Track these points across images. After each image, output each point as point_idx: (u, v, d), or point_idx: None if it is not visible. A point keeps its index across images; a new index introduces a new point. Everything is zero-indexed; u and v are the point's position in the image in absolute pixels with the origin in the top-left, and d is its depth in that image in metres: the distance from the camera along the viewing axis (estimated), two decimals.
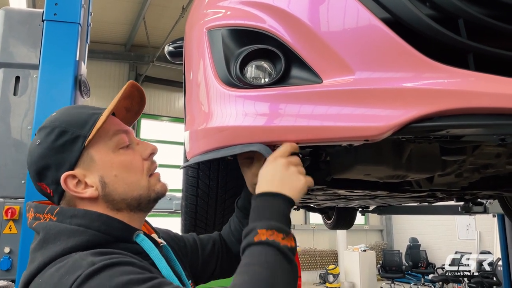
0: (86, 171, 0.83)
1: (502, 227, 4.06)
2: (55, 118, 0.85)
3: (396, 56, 0.88)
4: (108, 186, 0.83)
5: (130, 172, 0.86)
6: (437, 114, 0.86)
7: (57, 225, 0.77)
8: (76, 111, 0.87)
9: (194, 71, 1.24)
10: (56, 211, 0.80)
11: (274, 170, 0.87)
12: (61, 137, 0.82)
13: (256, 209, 0.83)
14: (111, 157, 0.85)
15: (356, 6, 0.92)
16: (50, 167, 0.82)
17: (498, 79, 0.85)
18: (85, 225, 0.77)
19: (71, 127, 0.82)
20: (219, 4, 1.18)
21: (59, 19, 2.19)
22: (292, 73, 1.00)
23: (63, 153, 0.81)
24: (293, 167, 0.89)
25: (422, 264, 10.77)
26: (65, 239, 0.75)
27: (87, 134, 0.82)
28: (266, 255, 0.74)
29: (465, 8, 0.86)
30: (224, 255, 1.15)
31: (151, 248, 0.84)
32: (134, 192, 0.85)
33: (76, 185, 0.82)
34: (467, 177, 1.66)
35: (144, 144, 0.93)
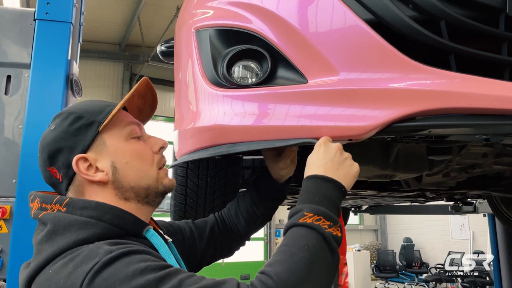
0: (98, 155, 0.83)
1: (492, 226, 4.10)
2: (70, 107, 0.87)
3: (379, 57, 0.90)
4: (118, 172, 0.83)
5: (141, 160, 0.86)
6: (419, 114, 0.88)
7: (67, 216, 0.75)
8: (92, 102, 0.89)
9: (182, 71, 1.25)
10: (66, 202, 0.78)
11: (328, 154, 0.87)
12: (77, 122, 0.83)
13: (306, 191, 0.82)
14: (124, 144, 0.85)
15: (340, 7, 0.94)
16: (63, 150, 0.81)
17: (478, 80, 0.86)
18: (97, 217, 0.76)
19: (86, 113, 0.84)
20: (208, 5, 1.19)
21: (51, 18, 2.19)
22: (278, 73, 1.01)
23: (77, 136, 0.82)
24: (346, 153, 0.89)
25: (416, 263, 10.81)
26: (76, 231, 0.73)
27: (102, 120, 0.83)
28: (308, 239, 0.73)
29: (447, 10, 0.88)
30: (222, 238, 1.15)
31: (161, 244, 0.83)
32: (143, 181, 0.85)
33: (88, 168, 0.82)
34: (454, 177, 1.68)
35: (155, 139, 0.93)
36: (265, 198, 1.17)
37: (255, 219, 1.18)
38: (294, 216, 0.78)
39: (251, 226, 1.19)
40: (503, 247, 3.94)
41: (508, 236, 3.91)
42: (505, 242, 3.93)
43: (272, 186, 1.17)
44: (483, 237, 9.59)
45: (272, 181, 1.16)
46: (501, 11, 0.89)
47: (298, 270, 0.69)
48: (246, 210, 1.17)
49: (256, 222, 1.19)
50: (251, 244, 11.00)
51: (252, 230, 1.21)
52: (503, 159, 1.54)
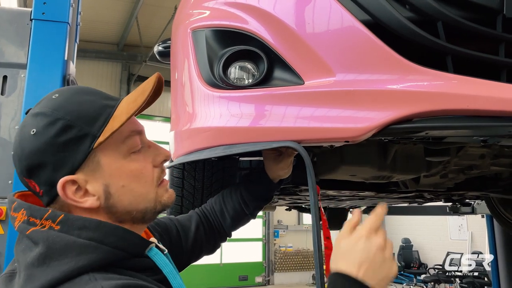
0: (89, 176, 0.69)
1: (490, 227, 4.10)
2: (58, 105, 0.69)
3: (375, 58, 0.89)
4: (113, 197, 0.71)
5: (139, 182, 0.74)
6: (416, 116, 0.87)
7: (63, 237, 0.65)
8: (84, 98, 0.71)
9: (179, 71, 1.24)
10: (60, 219, 0.66)
11: (368, 253, 0.73)
12: (65, 133, 0.67)
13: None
14: (121, 164, 0.72)
15: (337, 8, 0.93)
16: (46, 166, 0.67)
17: (476, 81, 0.86)
18: (98, 240, 0.66)
19: (78, 121, 0.68)
20: (204, 5, 1.18)
21: (48, 18, 2.18)
22: (274, 74, 1.01)
23: (65, 152, 0.67)
24: (388, 252, 0.76)
25: (414, 264, 10.81)
26: (75, 256, 0.63)
27: (97, 134, 0.68)
28: None
29: (444, 11, 0.87)
30: (207, 236, 1.12)
31: (165, 263, 0.75)
32: (140, 205, 0.74)
33: (75, 192, 0.69)
34: (452, 178, 1.67)
35: (157, 148, 0.81)
36: (257, 198, 1.15)
37: (242, 218, 1.16)
38: None
39: (237, 224, 1.17)
40: (501, 248, 3.94)
41: (506, 236, 3.91)
42: (503, 242, 3.93)
43: (266, 186, 1.16)
44: (481, 237, 9.60)
45: (267, 181, 1.15)
46: (498, 12, 0.88)
47: None
48: (234, 209, 1.14)
49: (242, 220, 1.17)
50: (250, 245, 11.00)
51: (236, 227, 1.18)
52: (500, 160, 1.54)
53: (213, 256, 11.02)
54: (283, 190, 1.84)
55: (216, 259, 10.05)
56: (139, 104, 0.72)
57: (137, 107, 0.72)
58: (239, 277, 10.45)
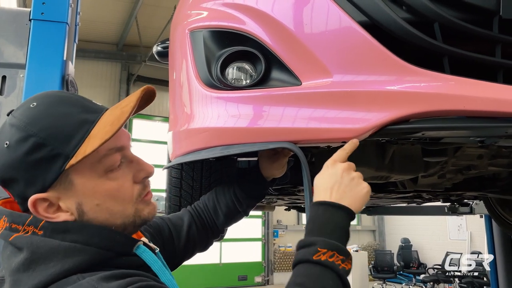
0: (61, 194, 0.68)
1: (489, 227, 4.10)
2: (33, 118, 0.67)
3: (372, 59, 0.89)
4: (86, 215, 0.70)
5: (115, 201, 0.72)
6: (413, 117, 0.87)
7: (47, 242, 0.64)
8: (62, 111, 0.69)
9: (177, 72, 1.25)
10: (42, 224, 0.66)
11: (334, 176, 0.82)
12: (37, 151, 0.65)
13: (316, 221, 0.78)
14: (96, 183, 0.70)
15: (334, 9, 0.93)
16: (18, 182, 0.67)
17: (472, 82, 0.86)
18: (83, 242, 0.65)
19: (51, 139, 0.66)
20: (202, 6, 1.18)
21: (47, 19, 2.18)
22: (272, 75, 1.01)
23: (36, 171, 0.66)
24: (354, 172, 0.84)
25: (413, 264, 10.82)
26: (60, 260, 0.62)
27: (70, 154, 0.66)
28: (324, 279, 0.70)
29: (440, 12, 0.87)
30: (199, 235, 1.13)
31: (154, 260, 0.75)
32: (117, 221, 0.73)
33: (48, 208, 0.68)
34: (450, 178, 1.68)
35: (139, 164, 0.77)
36: (250, 195, 1.16)
37: (235, 215, 1.17)
38: (306, 250, 0.74)
39: (229, 221, 1.18)
40: (500, 248, 3.95)
41: (504, 237, 3.92)
42: (502, 242, 3.94)
43: (260, 184, 1.16)
44: (480, 237, 9.61)
45: (261, 179, 1.16)
46: (495, 13, 0.89)
47: None
48: (227, 206, 1.15)
49: (235, 217, 1.18)
50: (249, 244, 11.00)
51: (230, 225, 1.19)
52: (498, 160, 1.54)
53: (213, 256, 11.02)
54: (282, 190, 1.84)
55: (216, 259, 10.05)
56: (115, 128, 0.68)
57: (113, 132, 0.68)
58: (239, 277, 10.45)
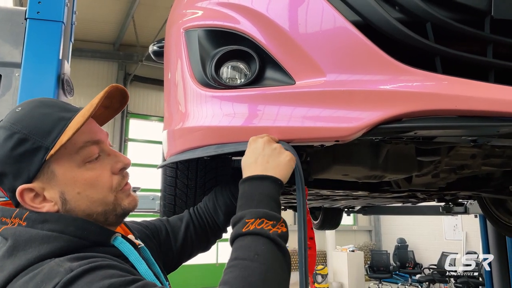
0: (45, 184, 0.76)
1: (484, 227, 4.13)
2: (17, 119, 0.76)
3: (365, 58, 0.90)
4: (69, 203, 0.77)
5: (95, 189, 0.79)
6: (405, 116, 0.88)
7: (28, 231, 0.72)
8: (43, 111, 0.78)
9: (172, 71, 1.25)
10: (25, 216, 0.74)
11: (256, 150, 0.86)
12: (21, 146, 0.74)
13: (243, 196, 0.81)
14: (75, 173, 0.77)
15: (328, 9, 0.94)
16: (7, 175, 0.75)
17: (463, 82, 0.87)
18: (59, 230, 0.72)
19: (32, 134, 0.74)
20: (197, 5, 1.19)
21: (42, 18, 2.18)
22: (266, 74, 1.02)
23: (21, 163, 0.74)
24: (275, 143, 0.87)
25: (409, 264, 10.85)
26: (37, 246, 0.69)
27: (49, 146, 0.74)
28: (256, 246, 0.72)
29: (432, 12, 0.88)
30: (198, 235, 1.14)
31: (130, 250, 0.80)
32: (98, 208, 0.79)
33: (34, 198, 0.76)
34: (444, 178, 1.69)
35: (116, 156, 0.84)
36: None
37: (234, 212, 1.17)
38: (237, 226, 0.77)
39: (230, 219, 1.18)
40: (494, 248, 3.97)
41: (499, 236, 3.94)
42: (496, 242, 3.96)
43: None
44: (476, 238, 9.65)
45: None
46: (486, 13, 0.89)
47: (255, 281, 0.67)
48: (225, 204, 1.16)
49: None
50: None
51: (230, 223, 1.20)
52: (492, 160, 1.55)
53: (209, 256, 11.00)
54: None
55: (212, 258, 10.04)
56: (85, 118, 0.76)
57: (82, 121, 0.76)
58: None
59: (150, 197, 2.85)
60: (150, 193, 2.91)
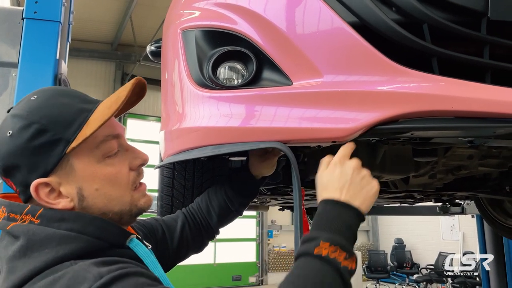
0: (62, 179, 0.71)
1: (481, 227, 4.14)
2: (34, 108, 0.71)
3: (362, 59, 0.90)
4: (86, 200, 0.72)
5: (114, 186, 0.75)
6: (402, 117, 0.88)
7: (43, 230, 0.66)
8: (62, 101, 0.73)
9: (169, 71, 1.25)
10: (39, 213, 0.68)
11: (345, 176, 0.80)
12: (39, 137, 0.69)
13: (323, 216, 0.76)
14: (95, 168, 0.73)
15: (324, 9, 0.94)
16: (20, 168, 0.69)
17: (460, 83, 0.87)
18: (77, 230, 0.68)
19: (52, 125, 0.69)
20: (194, 5, 1.19)
21: (39, 17, 2.17)
22: (263, 75, 1.02)
23: (38, 156, 0.69)
24: (364, 170, 0.83)
25: (407, 264, 10.87)
26: (55, 246, 0.64)
27: (70, 139, 0.69)
28: (324, 275, 0.68)
29: (429, 13, 0.88)
30: (193, 236, 1.13)
31: (146, 253, 0.77)
32: (115, 207, 0.75)
33: (49, 193, 0.70)
34: (441, 178, 1.69)
35: (135, 152, 0.81)
36: (240, 194, 1.16)
37: (227, 214, 1.18)
38: (308, 243, 0.72)
39: (223, 221, 1.18)
40: (491, 248, 3.98)
41: (496, 237, 3.95)
42: (493, 243, 3.97)
43: (249, 182, 1.17)
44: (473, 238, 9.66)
45: (250, 177, 1.17)
46: (483, 14, 0.90)
47: None
48: (219, 206, 1.15)
49: (228, 217, 1.18)
50: (243, 245, 10.99)
51: (223, 225, 1.19)
52: (488, 161, 1.55)
53: (207, 256, 11.01)
54: (275, 190, 1.84)
55: (210, 259, 10.04)
56: (113, 110, 0.73)
57: (110, 114, 0.72)
58: (233, 277, 10.45)
59: None
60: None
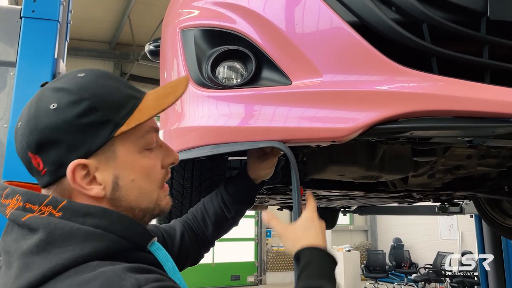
0: (101, 164, 0.67)
1: (479, 227, 4.15)
2: (84, 84, 0.67)
3: (361, 59, 0.90)
4: (120, 190, 0.69)
5: (148, 180, 0.72)
6: (401, 116, 0.88)
7: (66, 224, 0.61)
8: (110, 83, 0.70)
9: (168, 70, 1.25)
10: (62, 205, 0.63)
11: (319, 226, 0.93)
12: (89, 115, 0.64)
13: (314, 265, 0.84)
14: (136, 158, 0.70)
15: (324, 9, 0.94)
16: (60, 145, 0.64)
17: (459, 83, 0.87)
18: (104, 227, 0.63)
19: (103, 106, 0.66)
20: (193, 4, 1.18)
21: (37, 16, 2.17)
22: (263, 74, 1.01)
23: (84, 134, 0.64)
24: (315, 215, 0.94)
25: (405, 264, 10.88)
26: (79, 243, 0.60)
27: (120, 122, 0.66)
28: None
29: (429, 13, 0.88)
30: (192, 246, 1.09)
31: (167, 259, 0.73)
32: (143, 203, 0.72)
33: (84, 177, 0.65)
34: (440, 178, 1.69)
35: (168, 150, 0.78)
36: (238, 200, 1.12)
37: (223, 223, 1.13)
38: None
39: (219, 231, 1.14)
40: (490, 248, 3.99)
41: (494, 236, 3.96)
42: (492, 242, 3.98)
43: (247, 187, 1.13)
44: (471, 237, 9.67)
45: (248, 182, 1.13)
46: (482, 14, 0.90)
47: None
48: (215, 214, 1.11)
49: (224, 226, 1.14)
50: (242, 244, 10.99)
51: (219, 235, 1.15)
52: (487, 160, 1.56)
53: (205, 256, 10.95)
54: (273, 189, 1.84)
55: (208, 259, 10.04)
56: (170, 101, 0.72)
57: (168, 104, 0.71)
58: (231, 277, 10.45)
59: None
60: None
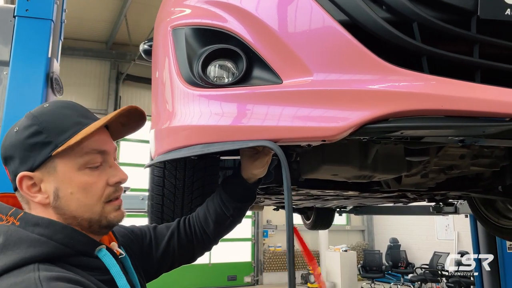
0: (45, 177, 0.81)
1: (474, 227, 4.15)
2: (41, 113, 0.84)
3: (352, 58, 0.89)
4: (60, 200, 0.81)
5: (86, 194, 0.83)
6: (391, 116, 0.88)
7: (19, 232, 0.76)
8: (64, 112, 0.85)
9: (159, 69, 1.24)
10: (20, 216, 0.78)
11: None
12: (35, 137, 0.80)
13: None
14: (74, 174, 0.82)
15: (315, 8, 0.93)
16: (15, 159, 0.81)
17: (450, 82, 0.86)
18: (47, 236, 0.76)
19: (49, 130, 0.81)
20: (185, 3, 1.18)
21: (31, 15, 2.16)
22: (254, 73, 1.01)
23: (30, 152, 0.80)
24: None
25: (402, 264, 10.91)
26: (25, 248, 0.73)
27: (59, 144, 0.81)
28: None
29: (419, 12, 0.88)
30: (181, 246, 1.15)
31: (112, 264, 0.84)
32: (85, 214, 0.83)
33: (31, 186, 0.81)
34: (433, 178, 1.69)
35: (116, 170, 0.89)
36: (234, 198, 1.16)
37: (224, 221, 1.18)
38: None
39: (220, 229, 1.19)
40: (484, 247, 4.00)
41: (489, 236, 3.97)
42: (486, 242, 3.99)
43: (241, 185, 1.17)
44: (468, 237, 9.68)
45: (241, 180, 1.17)
46: (473, 13, 0.89)
47: None
48: (215, 212, 1.17)
49: (225, 224, 1.18)
50: (239, 244, 10.99)
51: (221, 233, 1.20)
52: (480, 160, 1.56)
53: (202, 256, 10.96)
54: (267, 189, 1.84)
55: (205, 259, 10.02)
56: (96, 127, 0.83)
57: (93, 129, 0.82)
58: (228, 277, 10.44)
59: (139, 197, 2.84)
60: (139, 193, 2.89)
